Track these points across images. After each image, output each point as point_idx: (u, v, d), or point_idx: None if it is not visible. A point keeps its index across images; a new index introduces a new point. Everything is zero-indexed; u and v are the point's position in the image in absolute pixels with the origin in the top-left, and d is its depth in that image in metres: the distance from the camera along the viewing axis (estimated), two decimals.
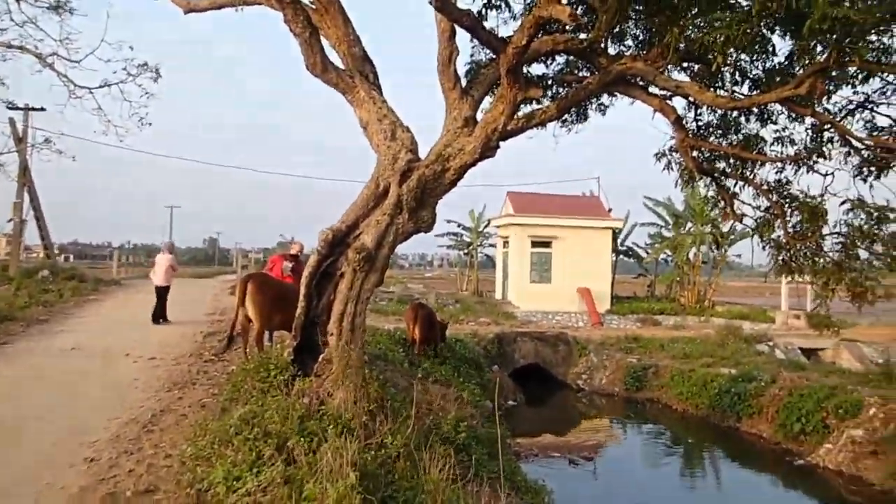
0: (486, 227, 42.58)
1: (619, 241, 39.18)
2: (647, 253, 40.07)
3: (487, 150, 8.98)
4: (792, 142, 9.46)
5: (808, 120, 9.41)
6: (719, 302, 37.12)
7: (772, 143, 9.59)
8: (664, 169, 10.45)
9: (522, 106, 9.30)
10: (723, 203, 10.50)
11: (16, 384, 9.42)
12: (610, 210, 37.84)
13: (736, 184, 10.19)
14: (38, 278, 23.25)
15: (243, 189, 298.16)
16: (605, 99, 11.62)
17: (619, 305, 35.28)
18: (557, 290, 34.24)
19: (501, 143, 9.20)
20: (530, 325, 25.82)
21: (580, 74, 11.23)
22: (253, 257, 44.33)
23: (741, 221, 10.43)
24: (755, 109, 10.18)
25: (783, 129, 9.52)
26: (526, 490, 8.76)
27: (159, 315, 15.94)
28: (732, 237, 36.59)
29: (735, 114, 10.40)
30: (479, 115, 9.43)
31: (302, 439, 5.89)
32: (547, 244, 34.83)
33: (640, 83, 9.44)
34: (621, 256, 40.36)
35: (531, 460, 12.57)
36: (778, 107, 10.03)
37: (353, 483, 4.50)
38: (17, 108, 25.97)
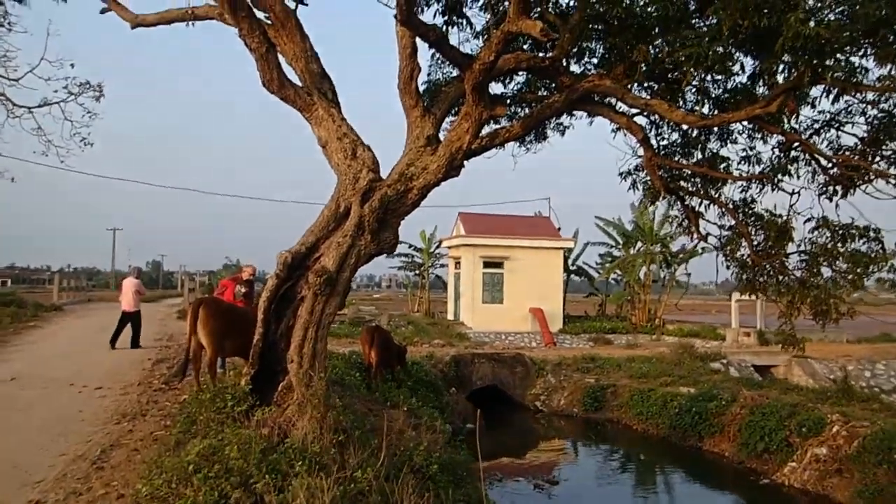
0: (437, 247, 42.37)
1: (569, 260, 39.38)
2: (598, 273, 40.34)
3: (452, 170, 8.79)
4: (758, 161, 9.50)
5: (774, 139, 9.46)
6: (669, 320, 37.55)
7: (739, 162, 9.63)
8: (630, 188, 10.41)
9: (485, 124, 9.13)
10: (687, 222, 10.47)
11: None
12: (559, 230, 38.09)
13: (701, 203, 10.18)
14: None
15: (188, 211, 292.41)
16: (564, 119, 11.55)
17: (572, 325, 35.42)
18: (510, 311, 34.28)
19: (465, 163, 9.04)
20: (484, 346, 25.59)
21: (539, 94, 11.18)
22: (198, 280, 43.20)
23: (706, 241, 10.41)
24: (715, 129, 10.28)
25: (750, 149, 9.54)
26: None
27: (134, 340, 15.76)
28: (682, 256, 37.13)
29: (695, 133, 10.45)
30: (441, 135, 9.27)
31: (267, 476, 5.54)
32: (499, 265, 34.87)
33: (607, 102, 9.39)
34: (572, 276, 40.55)
35: (495, 485, 12.29)
36: (740, 126, 10.11)
37: None
38: None
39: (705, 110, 9.91)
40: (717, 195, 10.06)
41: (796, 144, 9.05)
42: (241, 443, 6.04)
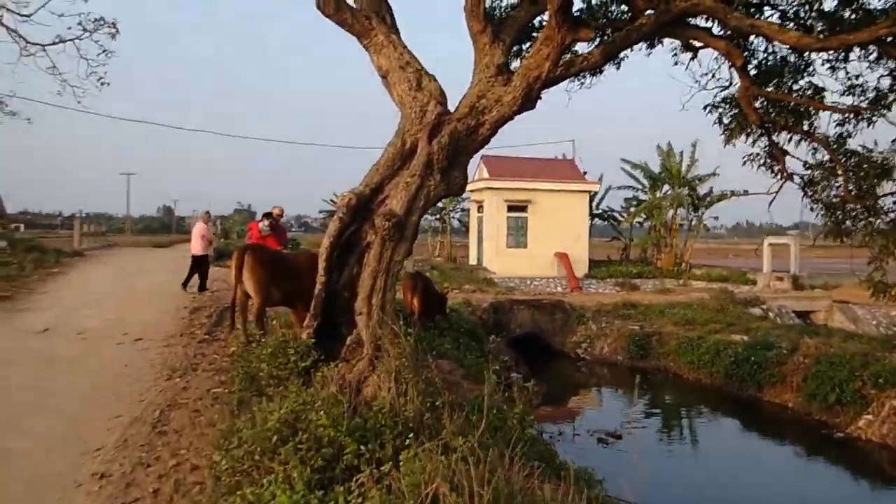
0: None
1: (594, 204, 38.45)
2: (624, 217, 39.40)
3: (528, 102, 7.98)
4: (863, 91, 8.59)
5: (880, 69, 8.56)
6: (695, 265, 36.78)
7: (843, 93, 8.71)
8: (715, 122, 9.55)
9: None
10: (771, 160, 9.61)
11: None
12: (585, 173, 37.07)
13: (791, 139, 9.32)
14: None
15: (200, 155, 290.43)
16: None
17: (597, 270, 34.73)
18: (534, 255, 33.55)
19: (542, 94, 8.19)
20: (514, 293, 24.99)
21: (600, 22, 10.33)
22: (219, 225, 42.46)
23: (791, 180, 9.57)
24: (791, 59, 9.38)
25: (855, 77, 8.61)
26: (574, 479, 7.85)
27: (200, 284, 15.53)
28: (710, 199, 36.22)
29: (769, 63, 9.54)
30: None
31: (363, 448, 4.87)
32: (523, 208, 34.02)
33: (701, 25, 8.47)
34: (595, 220, 39.68)
35: (557, 440, 11.68)
36: (824, 56, 9.18)
37: None
38: None
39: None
40: (810, 130, 9.18)
41: None
42: (328, 408, 5.36)
